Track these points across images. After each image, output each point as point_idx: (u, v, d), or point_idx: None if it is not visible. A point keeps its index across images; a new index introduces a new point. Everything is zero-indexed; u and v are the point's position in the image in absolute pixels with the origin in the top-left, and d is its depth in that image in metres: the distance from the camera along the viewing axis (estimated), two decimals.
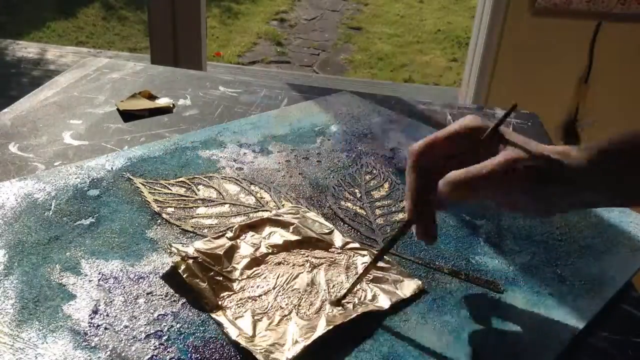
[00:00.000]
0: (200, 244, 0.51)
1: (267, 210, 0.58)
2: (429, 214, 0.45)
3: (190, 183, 0.62)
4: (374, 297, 0.47)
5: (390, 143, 0.74)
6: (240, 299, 0.46)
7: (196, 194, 0.60)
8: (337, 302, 0.47)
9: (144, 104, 0.81)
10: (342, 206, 0.61)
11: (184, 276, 0.47)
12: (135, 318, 0.44)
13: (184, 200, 0.59)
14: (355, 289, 0.48)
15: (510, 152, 0.42)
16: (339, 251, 0.53)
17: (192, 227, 0.55)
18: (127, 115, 0.78)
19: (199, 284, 0.47)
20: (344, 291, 0.47)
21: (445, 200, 0.42)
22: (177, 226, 0.55)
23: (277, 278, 0.49)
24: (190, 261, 0.49)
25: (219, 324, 0.44)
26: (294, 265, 0.51)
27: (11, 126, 0.73)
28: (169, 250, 0.51)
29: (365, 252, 0.53)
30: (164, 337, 0.43)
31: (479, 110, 0.91)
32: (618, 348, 0.47)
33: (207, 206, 0.59)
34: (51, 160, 0.66)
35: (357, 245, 0.54)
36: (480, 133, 0.44)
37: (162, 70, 0.95)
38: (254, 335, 0.43)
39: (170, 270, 0.49)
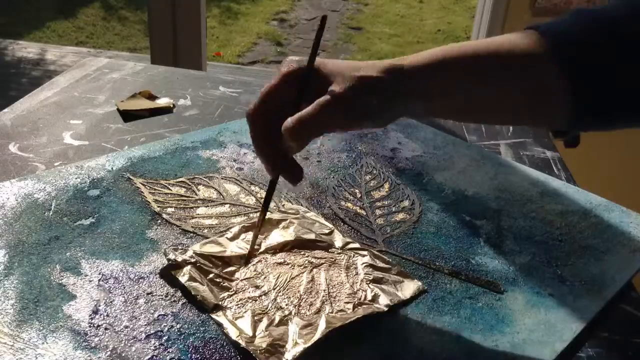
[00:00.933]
0: (198, 247, 0.51)
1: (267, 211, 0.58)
2: (289, 164, 0.47)
3: (190, 183, 0.62)
4: (374, 298, 0.47)
5: (390, 143, 0.74)
6: (240, 299, 0.46)
7: (196, 194, 0.60)
8: (245, 263, 0.50)
9: (144, 104, 0.81)
10: (342, 206, 0.61)
11: (184, 282, 0.47)
12: (136, 318, 0.44)
13: (184, 200, 0.59)
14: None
15: (334, 86, 0.43)
16: (339, 251, 0.53)
17: (192, 227, 0.55)
18: (127, 115, 0.78)
19: (198, 288, 0.47)
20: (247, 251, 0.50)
21: (289, 147, 0.45)
22: (177, 226, 0.55)
23: (277, 278, 0.49)
24: (189, 266, 0.49)
25: (219, 325, 0.44)
26: (294, 265, 0.51)
27: (11, 126, 0.73)
28: (165, 258, 0.50)
29: (365, 252, 0.53)
30: (164, 338, 0.43)
31: None
32: (618, 348, 0.47)
33: (208, 206, 0.59)
34: (51, 160, 0.66)
35: (357, 245, 0.54)
36: (301, 73, 0.45)
37: (162, 70, 0.95)
38: (253, 336, 0.43)
39: (169, 272, 0.49)
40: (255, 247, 0.52)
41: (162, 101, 0.82)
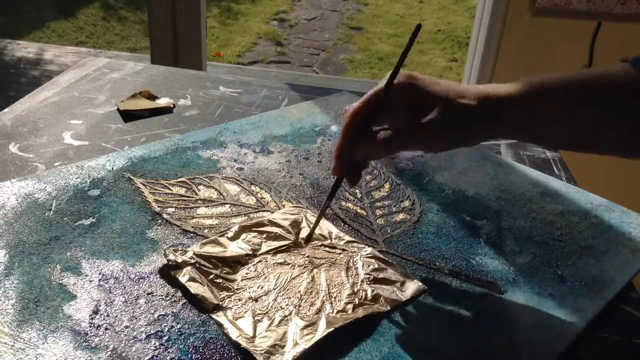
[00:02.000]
0: (198, 247, 0.51)
1: (267, 211, 0.58)
2: (356, 168, 0.50)
3: (190, 183, 0.62)
4: (374, 298, 0.47)
5: None
6: (241, 300, 0.46)
7: (197, 194, 0.60)
8: (306, 241, 0.53)
9: (144, 104, 0.81)
10: (342, 207, 0.61)
11: (184, 282, 0.47)
12: (136, 318, 0.44)
13: (185, 200, 0.59)
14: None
15: (436, 111, 0.46)
16: (339, 251, 0.53)
17: (192, 227, 0.55)
18: (127, 115, 0.78)
19: (198, 288, 0.47)
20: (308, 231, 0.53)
21: (375, 154, 0.50)
22: (178, 226, 0.55)
23: (278, 278, 0.49)
24: (189, 267, 0.48)
25: (220, 325, 0.44)
26: (294, 265, 0.51)
27: (11, 126, 0.73)
28: (166, 259, 0.50)
29: (365, 252, 0.53)
30: (165, 338, 0.43)
31: None
32: (618, 349, 0.47)
33: (208, 206, 0.59)
34: (51, 161, 0.66)
35: (350, 238, 0.54)
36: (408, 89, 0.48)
37: (162, 70, 0.95)
38: (254, 336, 0.43)
39: (169, 273, 0.49)
40: (256, 247, 0.52)
41: (162, 101, 0.82)
